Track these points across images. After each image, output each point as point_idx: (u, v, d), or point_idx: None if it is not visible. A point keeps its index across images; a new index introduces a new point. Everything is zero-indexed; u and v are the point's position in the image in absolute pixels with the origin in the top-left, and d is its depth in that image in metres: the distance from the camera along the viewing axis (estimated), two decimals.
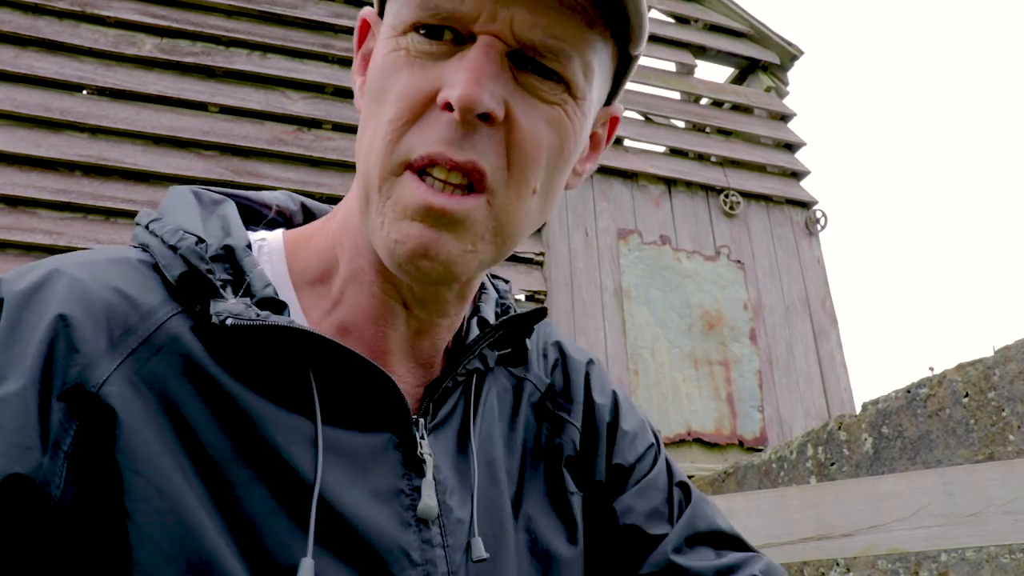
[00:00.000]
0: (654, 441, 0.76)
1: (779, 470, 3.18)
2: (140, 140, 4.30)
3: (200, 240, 0.55)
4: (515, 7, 0.51)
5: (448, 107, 0.51)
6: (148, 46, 4.51)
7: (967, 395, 2.54)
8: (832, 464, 2.92)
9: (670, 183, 5.51)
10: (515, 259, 4.81)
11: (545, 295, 4.77)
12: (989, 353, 2.53)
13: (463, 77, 0.50)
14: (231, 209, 0.60)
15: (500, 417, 0.66)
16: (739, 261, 5.40)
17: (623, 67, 0.60)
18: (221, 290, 0.53)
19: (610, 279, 5.04)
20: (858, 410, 2.97)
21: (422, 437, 0.57)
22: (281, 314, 0.53)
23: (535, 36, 0.52)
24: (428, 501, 0.55)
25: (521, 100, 0.53)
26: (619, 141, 5.57)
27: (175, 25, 4.58)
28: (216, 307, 0.52)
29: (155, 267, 0.55)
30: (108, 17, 4.47)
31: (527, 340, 0.69)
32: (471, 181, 0.52)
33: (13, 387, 0.46)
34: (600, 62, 0.56)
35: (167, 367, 0.50)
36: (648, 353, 4.91)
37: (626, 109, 5.73)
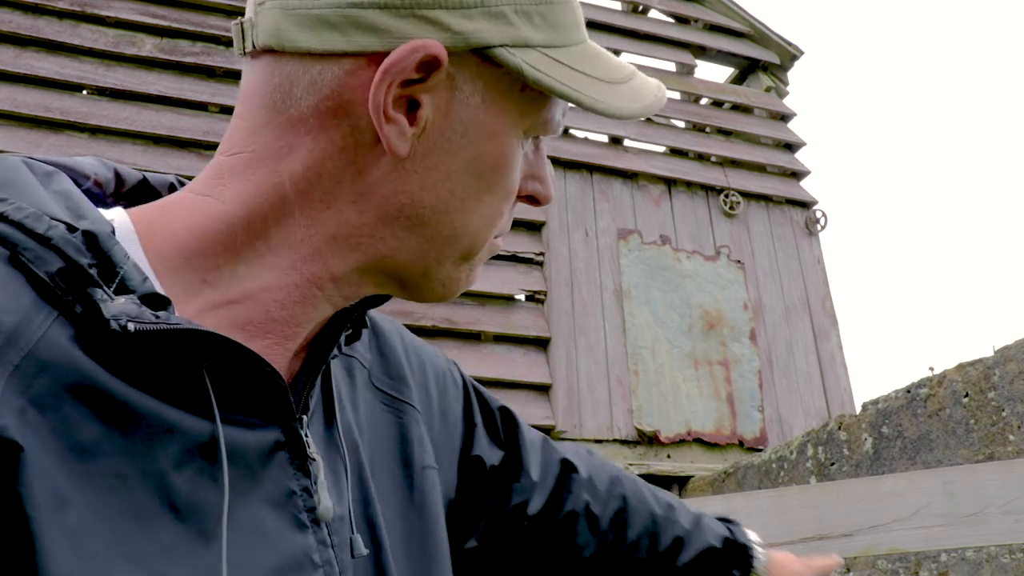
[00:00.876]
0: (461, 377, 0.83)
1: (779, 470, 3.18)
2: (140, 140, 4.30)
3: (71, 227, 0.47)
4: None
5: (530, 199, 0.61)
6: (148, 46, 4.51)
7: (967, 395, 2.53)
8: (832, 464, 2.92)
9: (670, 183, 5.51)
10: (515, 259, 4.81)
11: (545, 295, 4.78)
12: (989, 353, 2.53)
13: (549, 181, 0.62)
14: (68, 183, 0.53)
15: (347, 400, 0.64)
16: (739, 261, 5.40)
17: None
18: (104, 288, 0.46)
19: (610, 279, 5.04)
20: (858, 410, 2.97)
21: (306, 435, 0.54)
22: (165, 311, 0.48)
23: None
24: (325, 502, 0.54)
25: None
26: (619, 141, 5.57)
27: (175, 25, 4.58)
28: (109, 309, 0.45)
29: (10, 261, 0.45)
30: (108, 17, 4.47)
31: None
32: None
33: None
34: None
35: (56, 386, 0.43)
36: (648, 353, 4.91)
37: None
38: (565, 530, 0.84)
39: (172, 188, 0.61)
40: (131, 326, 0.45)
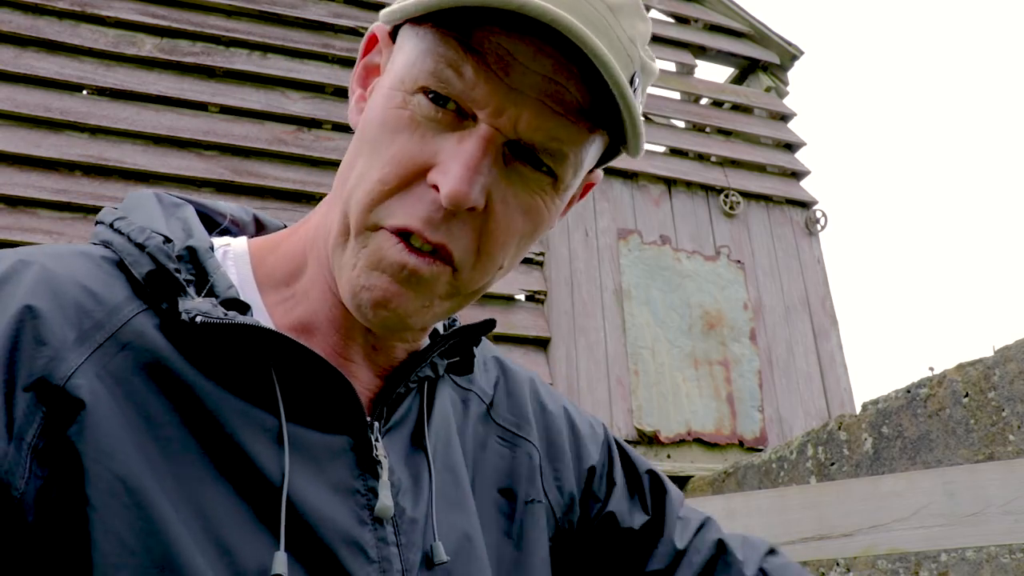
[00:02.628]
0: (604, 436, 0.81)
1: (779, 470, 3.18)
2: (140, 140, 4.30)
3: (167, 239, 0.55)
4: (523, 108, 0.53)
5: (436, 188, 0.54)
6: (148, 46, 4.51)
7: (967, 395, 2.53)
8: (832, 464, 2.92)
9: (670, 183, 5.51)
10: None
11: (545, 295, 4.78)
12: (989, 353, 2.53)
13: (457, 170, 0.52)
14: (191, 213, 0.61)
15: (453, 424, 0.68)
16: (739, 261, 5.40)
17: (613, 150, 0.62)
18: (187, 289, 0.53)
19: (610, 279, 5.04)
20: (858, 410, 2.97)
21: (376, 440, 0.58)
22: (245, 314, 0.54)
23: (536, 137, 0.54)
24: (385, 501, 0.56)
25: (505, 188, 0.55)
26: None
27: (175, 25, 4.58)
28: (184, 304, 0.52)
29: (118, 264, 0.55)
30: (108, 17, 4.47)
31: (474, 350, 0.69)
32: (440, 253, 0.55)
33: None
34: (592, 154, 0.59)
35: (134, 363, 0.50)
36: (648, 353, 4.91)
37: None
38: None
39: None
40: (199, 318, 0.51)
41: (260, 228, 0.69)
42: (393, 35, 0.60)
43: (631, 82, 0.55)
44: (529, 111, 0.53)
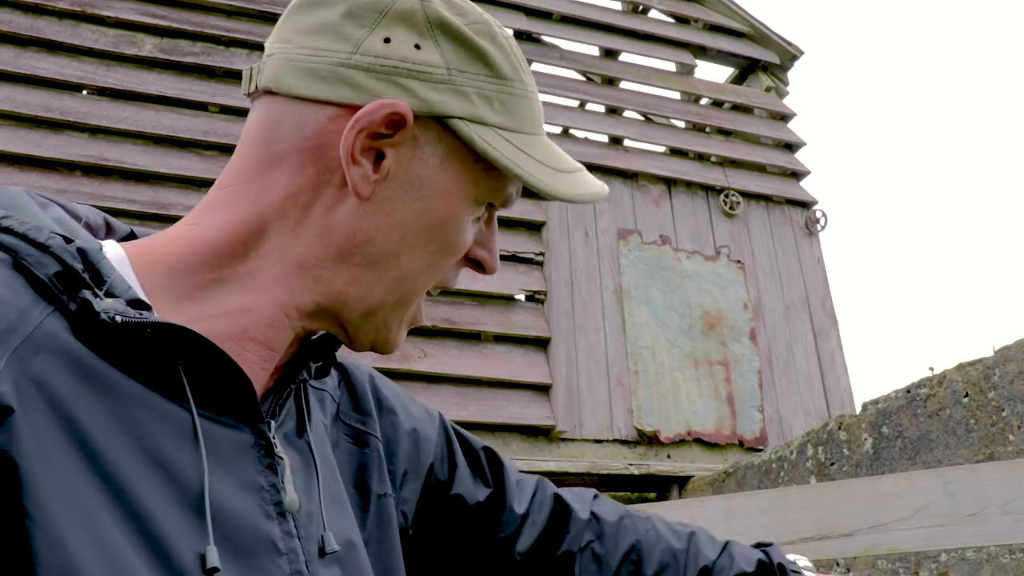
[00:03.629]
0: (441, 422, 0.87)
1: (779, 470, 3.18)
2: (140, 140, 4.30)
3: (67, 239, 0.54)
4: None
5: (474, 264, 0.69)
6: (148, 46, 4.51)
7: (967, 395, 2.53)
8: (832, 464, 2.92)
9: (670, 183, 5.51)
10: (515, 259, 4.81)
11: (545, 295, 4.78)
12: (989, 353, 2.53)
13: (495, 251, 0.69)
14: (63, 213, 0.61)
15: (318, 424, 0.72)
16: (739, 261, 5.40)
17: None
18: (95, 290, 0.53)
19: (610, 279, 5.04)
20: (858, 410, 2.97)
21: (274, 436, 0.61)
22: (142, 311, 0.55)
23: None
24: (291, 495, 0.60)
25: None
26: (619, 141, 5.58)
27: (175, 25, 4.58)
28: (99, 305, 0.52)
29: (14, 266, 0.53)
30: (108, 17, 4.47)
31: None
32: None
33: None
34: None
35: (51, 366, 0.50)
36: (648, 353, 4.91)
37: (626, 109, 5.74)
38: (563, 570, 0.85)
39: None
40: (118, 318, 0.52)
41: (108, 231, 0.68)
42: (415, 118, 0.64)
43: None
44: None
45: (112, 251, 0.60)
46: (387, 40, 0.60)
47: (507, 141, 0.63)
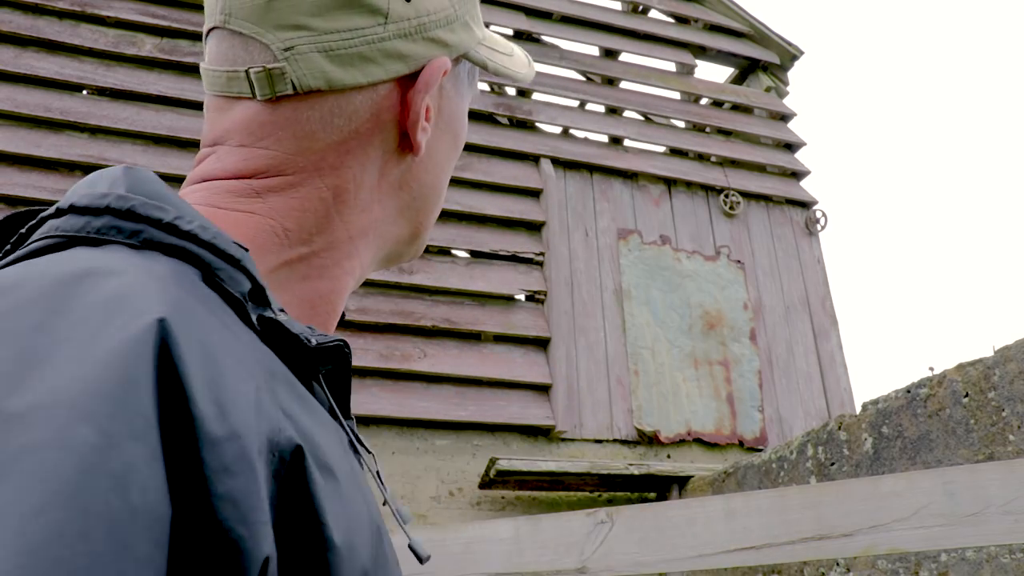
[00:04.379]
0: None
1: (779, 470, 3.18)
2: (140, 140, 4.30)
3: (242, 246, 0.48)
4: None
5: None
6: (148, 46, 4.51)
7: (967, 395, 2.54)
8: (832, 464, 2.92)
9: (670, 183, 5.51)
10: (515, 259, 4.81)
11: (545, 295, 4.78)
12: (989, 353, 2.53)
13: None
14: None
15: None
16: (739, 261, 5.40)
17: None
18: (271, 306, 0.49)
19: (610, 279, 5.04)
20: (858, 410, 2.97)
21: (353, 430, 0.60)
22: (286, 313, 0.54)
23: None
24: (384, 492, 0.60)
25: None
26: (619, 141, 5.57)
27: (175, 25, 4.58)
28: (292, 326, 0.48)
29: (204, 280, 0.46)
30: (108, 17, 4.48)
31: None
32: None
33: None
34: None
35: (285, 390, 0.45)
36: (648, 353, 4.91)
37: (626, 109, 5.74)
38: None
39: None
40: (313, 341, 0.49)
41: None
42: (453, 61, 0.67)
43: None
44: None
45: None
46: None
47: (491, 49, 0.67)
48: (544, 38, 5.61)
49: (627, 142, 5.56)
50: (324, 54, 0.57)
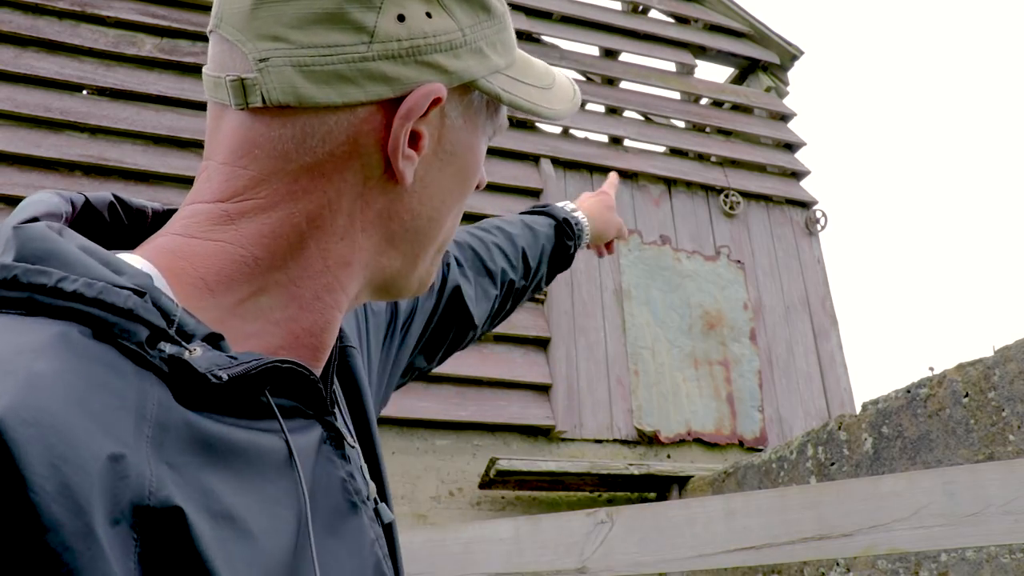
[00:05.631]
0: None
1: (779, 470, 3.18)
2: (140, 140, 4.30)
3: (138, 292, 0.48)
4: None
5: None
6: (148, 46, 4.51)
7: (967, 395, 2.54)
8: (832, 464, 2.92)
9: (670, 183, 5.51)
10: None
11: (545, 295, 4.78)
12: (989, 353, 2.53)
13: (483, 168, 0.67)
14: (82, 238, 0.52)
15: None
16: (739, 261, 5.40)
17: None
18: (181, 343, 0.48)
19: (610, 279, 5.04)
20: (858, 410, 2.97)
21: (339, 425, 0.59)
22: (219, 346, 0.51)
23: None
24: (369, 482, 0.60)
25: None
26: (619, 141, 5.57)
27: (175, 25, 4.58)
28: (199, 364, 0.47)
29: (96, 337, 0.46)
30: (108, 17, 4.48)
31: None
32: None
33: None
34: None
35: (179, 444, 0.45)
36: (648, 353, 4.91)
37: (626, 109, 5.74)
38: (458, 301, 0.98)
39: (112, 206, 0.62)
40: (223, 375, 0.48)
41: (72, 208, 0.61)
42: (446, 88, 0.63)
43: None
44: None
45: (147, 268, 0.54)
46: (401, 18, 0.55)
47: (515, 80, 0.63)
48: (544, 38, 5.61)
49: (627, 142, 5.56)
50: (298, 68, 0.54)
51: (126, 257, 0.55)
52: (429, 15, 0.56)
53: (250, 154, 0.57)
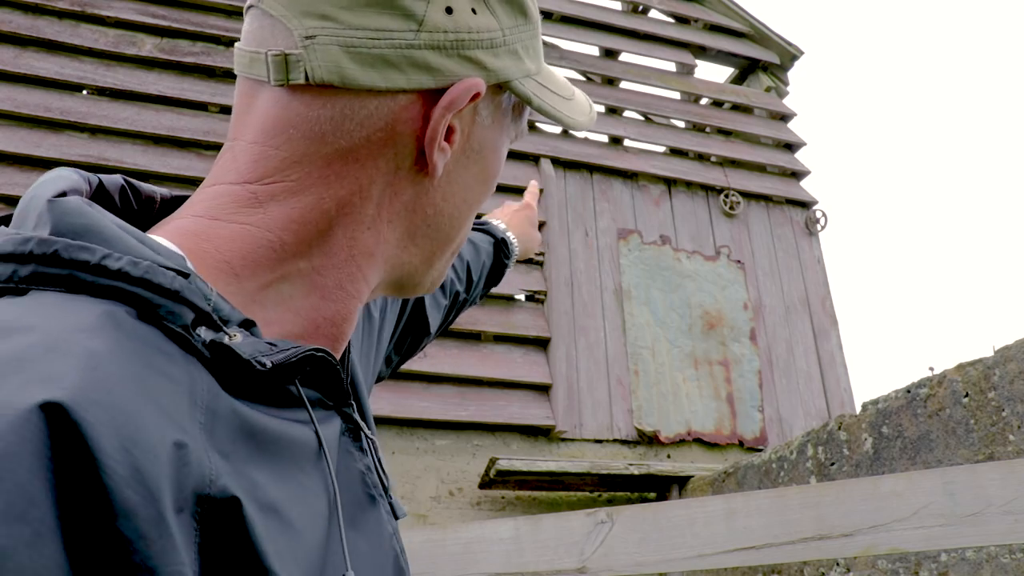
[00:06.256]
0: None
1: (779, 470, 3.18)
2: (140, 140, 4.30)
3: (182, 273, 0.46)
4: None
5: None
6: (148, 46, 4.51)
7: (967, 395, 2.54)
8: (832, 464, 2.92)
9: (670, 183, 5.51)
10: None
11: (545, 295, 4.77)
12: (989, 353, 2.53)
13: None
14: (116, 217, 0.50)
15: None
16: (739, 261, 5.40)
17: None
18: (224, 328, 0.47)
19: (610, 279, 5.04)
20: (858, 410, 2.97)
21: (357, 417, 0.59)
22: (252, 332, 0.50)
23: None
24: (384, 478, 0.60)
25: None
26: (619, 141, 5.57)
27: (175, 25, 4.58)
28: (243, 350, 0.47)
29: (140, 317, 0.44)
30: (108, 17, 4.47)
31: None
32: None
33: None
34: None
35: (227, 432, 0.45)
36: (648, 353, 4.91)
37: (626, 109, 5.74)
38: (420, 316, 1.01)
39: (123, 189, 0.60)
40: (267, 362, 0.47)
41: (89, 188, 0.59)
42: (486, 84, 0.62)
43: None
44: None
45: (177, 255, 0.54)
46: (449, 10, 0.55)
47: (543, 86, 0.63)
48: (544, 38, 5.61)
49: (627, 142, 5.56)
50: (344, 49, 0.54)
51: (159, 239, 0.53)
52: (474, 11, 0.56)
53: (284, 133, 0.56)
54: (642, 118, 5.78)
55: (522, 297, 4.79)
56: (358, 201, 0.56)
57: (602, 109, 5.69)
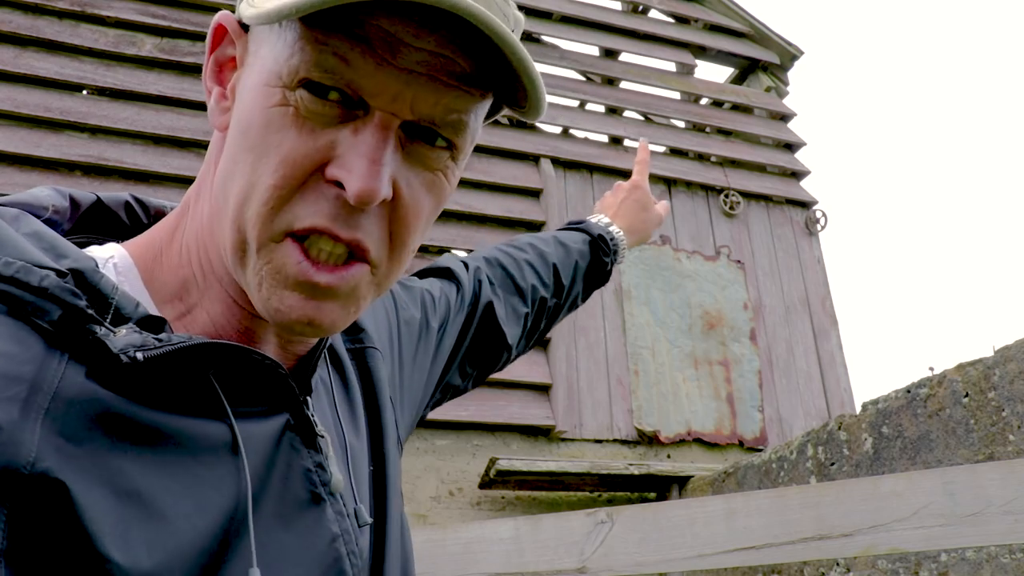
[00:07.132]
0: (419, 291, 0.88)
1: (779, 470, 3.18)
2: (140, 140, 4.30)
3: (60, 272, 0.49)
4: (417, 87, 0.51)
5: (338, 184, 0.51)
6: (148, 46, 4.51)
7: (967, 395, 2.54)
8: (832, 464, 2.93)
9: (670, 183, 5.51)
10: None
11: None
12: (989, 353, 2.53)
13: (361, 166, 0.50)
14: (36, 223, 0.53)
15: (334, 375, 0.69)
16: (739, 261, 5.40)
17: (496, 107, 0.61)
18: (104, 323, 0.49)
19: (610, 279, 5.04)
20: (858, 410, 2.97)
21: (312, 415, 0.58)
22: (163, 331, 0.51)
23: (436, 113, 0.53)
24: (336, 475, 0.58)
25: (407, 171, 0.54)
26: (619, 141, 5.57)
27: (175, 25, 4.58)
28: (115, 344, 0.48)
29: (11, 314, 0.47)
30: (108, 17, 4.47)
31: None
32: (353, 252, 0.53)
33: None
34: (482, 117, 0.59)
35: (85, 419, 0.46)
36: (648, 353, 4.91)
37: (626, 109, 5.73)
38: (490, 318, 0.95)
39: (128, 206, 0.64)
40: (139, 355, 0.48)
41: (75, 208, 0.62)
42: (244, 25, 0.57)
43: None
44: (423, 89, 0.51)
45: (119, 257, 0.57)
46: None
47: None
48: (544, 38, 5.61)
49: (627, 142, 5.55)
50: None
51: (99, 248, 0.57)
52: None
53: None
54: (642, 118, 5.78)
55: None
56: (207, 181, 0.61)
57: (602, 109, 5.69)
